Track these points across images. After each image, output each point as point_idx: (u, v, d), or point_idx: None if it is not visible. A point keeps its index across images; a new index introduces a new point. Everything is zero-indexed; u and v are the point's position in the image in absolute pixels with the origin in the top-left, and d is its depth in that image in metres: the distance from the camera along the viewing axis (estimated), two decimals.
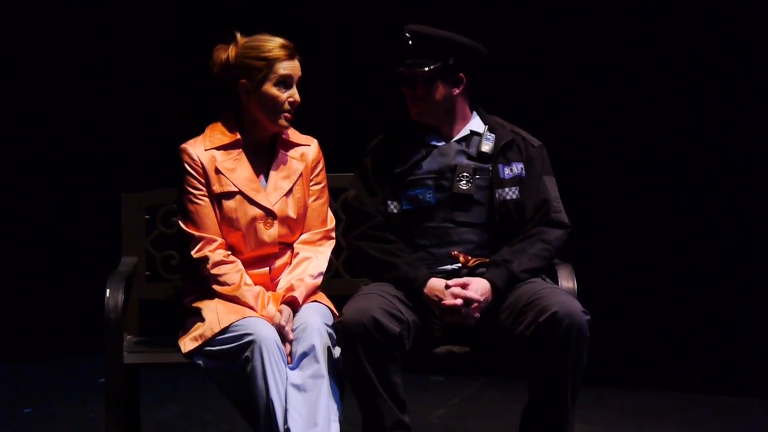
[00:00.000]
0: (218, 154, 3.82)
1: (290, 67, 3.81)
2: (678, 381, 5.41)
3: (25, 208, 6.06)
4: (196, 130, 3.89)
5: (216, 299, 3.73)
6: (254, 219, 3.81)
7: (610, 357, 5.35)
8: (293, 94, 3.83)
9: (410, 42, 3.85)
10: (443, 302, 3.65)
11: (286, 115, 3.83)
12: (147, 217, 4.16)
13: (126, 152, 6.13)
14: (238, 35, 3.86)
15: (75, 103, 6.10)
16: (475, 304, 3.64)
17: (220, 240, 3.79)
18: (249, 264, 3.82)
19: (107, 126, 6.15)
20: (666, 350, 5.43)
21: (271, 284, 3.83)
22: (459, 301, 3.63)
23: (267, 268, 3.84)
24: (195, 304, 3.77)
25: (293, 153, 3.92)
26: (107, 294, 3.75)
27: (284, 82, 3.81)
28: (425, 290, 3.69)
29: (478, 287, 3.67)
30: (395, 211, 3.85)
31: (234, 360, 3.57)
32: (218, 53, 3.86)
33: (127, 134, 6.15)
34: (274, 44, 3.81)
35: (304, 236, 3.90)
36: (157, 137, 5.90)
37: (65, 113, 6.08)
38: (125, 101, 6.15)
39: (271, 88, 3.80)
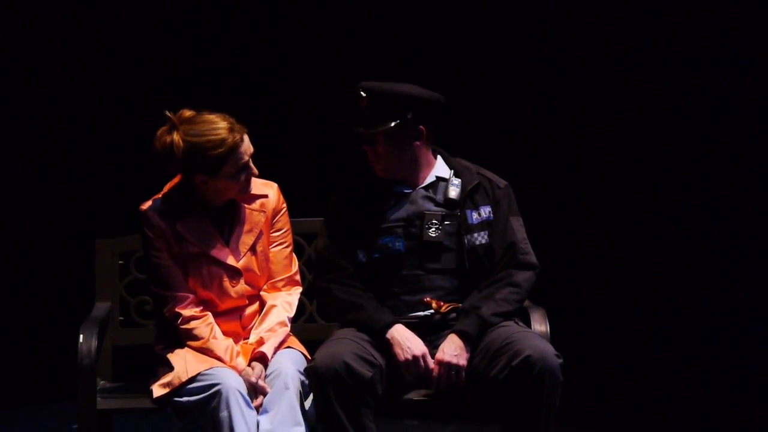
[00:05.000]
0: (177, 214, 3.74)
1: (244, 152, 3.68)
2: (652, 426, 5.40)
3: None
4: (170, 176, 3.85)
5: (186, 348, 3.72)
6: (220, 277, 3.77)
7: (583, 401, 5.34)
8: (249, 173, 3.71)
9: (367, 101, 3.84)
10: (399, 358, 3.66)
11: (245, 188, 3.75)
12: (121, 262, 4.17)
13: (100, 197, 6.12)
14: (176, 117, 3.66)
15: (48, 147, 6.09)
16: (455, 364, 3.66)
17: (191, 296, 3.75)
18: (220, 315, 3.79)
19: (81, 171, 6.14)
20: (640, 394, 5.43)
21: (242, 332, 3.82)
22: (413, 356, 3.65)
23: (238, 318, 3.82)
24: (165, 352, 3.76)
25: (254, 205, 3.83)
26: (81, 339, 3.75)
27: (243, 170, 3.70)
28: (387, 335, 3.69)
29: (449, 347, 3.69)
30: (365, 260, 3.84)
31: (201, 411, 3.56)
32: (160, 140, 3.66)
33: (102, 179, 6.14)
34: (222, 130, 3.64)
35: (268, 283, 3.87)
36: (131, 182, 5.89)
37: (38, 157, 6.07)
38: (99, 146, 6.15)
39: (230, 178, 3.69)
